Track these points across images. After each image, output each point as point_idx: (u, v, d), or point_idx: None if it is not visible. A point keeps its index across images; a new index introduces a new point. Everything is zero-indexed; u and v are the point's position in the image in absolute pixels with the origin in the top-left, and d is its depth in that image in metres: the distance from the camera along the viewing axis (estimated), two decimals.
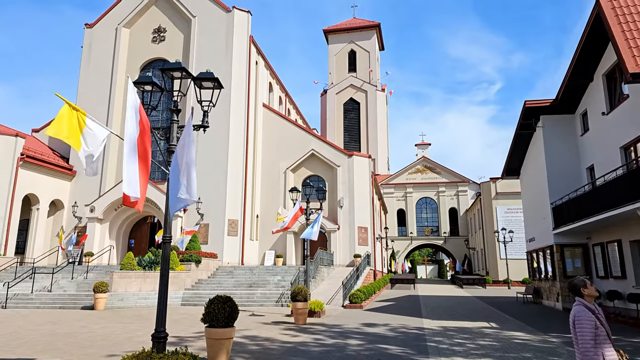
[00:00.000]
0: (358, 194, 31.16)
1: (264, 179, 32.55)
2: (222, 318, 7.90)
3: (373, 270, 31.80)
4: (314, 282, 22.20)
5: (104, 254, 28.36)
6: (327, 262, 27.15)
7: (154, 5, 32.99)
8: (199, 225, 27.68)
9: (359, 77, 60.10)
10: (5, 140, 26.25)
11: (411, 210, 56.28)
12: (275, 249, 31.10)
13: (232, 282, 22.77)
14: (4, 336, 11.18)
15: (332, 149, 32.41)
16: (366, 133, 58.27)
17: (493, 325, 13.67)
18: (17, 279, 21.55)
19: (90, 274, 23.07)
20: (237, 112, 30.03)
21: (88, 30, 33.18)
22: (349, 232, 30.59)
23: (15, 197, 26.07)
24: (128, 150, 5.80)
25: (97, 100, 31.34)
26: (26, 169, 27.04)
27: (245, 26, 31.86)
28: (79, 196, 29.78)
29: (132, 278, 19.99)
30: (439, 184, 56.52)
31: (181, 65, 7.24)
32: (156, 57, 32.24)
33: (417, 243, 56.43)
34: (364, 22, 62.66)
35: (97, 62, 32.33)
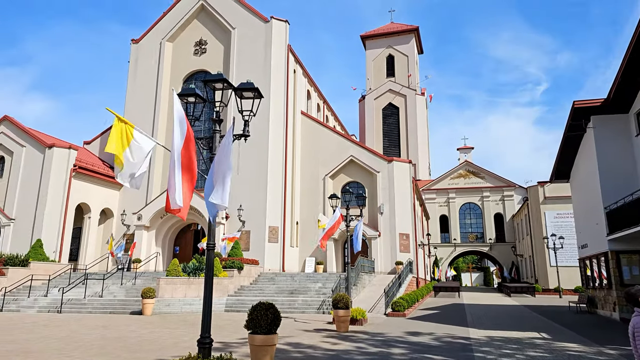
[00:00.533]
0: (399, 200, 30.76)
1: (303, 186, 32.74)
2: (265, 325, 7.95)
3: (415, 278, 31.23)
4: (355, 289, 22.03)
5: (151, 260, 29.31)
6: (368, 269, 26.91)
7: (195, 19, 34.06)
8: (240, 232, 28.13)
9: (397, 82, 59.58)
10: (60, 152, 27.71)
11: (454, 216, 54.96)
12: (316, 256, 31.14)
13: (274, 288, 22.94)
14: (61, 340, 11.71)
15: (372, 155, 32.20)
16: (406, 138, 57.57)
17: (544, 336, 13.07)
18: (71, 284, 22.60)
19: (138, 280, 23.87)
20: (276, 120, 30.43)
21: (134, 45, 34.62)
22: (390, 238, 30.21)
23: (68, 207, 27.43)
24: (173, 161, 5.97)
25: (143, 112, 32.58)
26: (78, 179, 28.41)
27: (283, 35, 32.31)
28: (127, 205, 30.96)
29: (178, 284, 20.52)
30: (483, 188, 54.97)
31: (222, 76, 7.38)
32: (198, 68, 33.21)
33: (461, 250, 55.01)
34: (402, 26, 62.16)
35: (142, 75, 33.64)
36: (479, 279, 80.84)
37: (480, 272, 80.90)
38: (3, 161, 28.55)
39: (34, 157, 27.78)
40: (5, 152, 28.53)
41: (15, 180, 27.61)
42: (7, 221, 26.88)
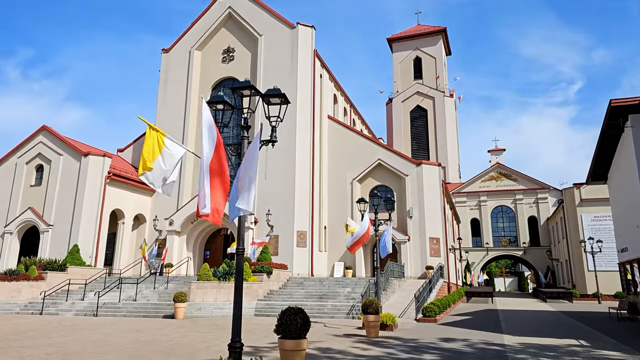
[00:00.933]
0: (428, 203, 30.34)
1: (330, 190, 32.71)
2: (295, 329, 7.96)
3: (447, 283, 30.69)
4: (384, 294, 21.81)
5: (182, 265, 29.84)
6: (397, 274, 26.61)
7: (223, 27, 34.65)
8: (269, 236, 28.32)
9: (425, 84, 58.94)
10: (95, 160, 28.62)
11: (486, 220, 53.78)
12: (344, 261, 31.02)
13: (303, 293, 22.95)
14: (96, 342, 12.03)
15: (400, 158, 31.91)
16: (435, 140, 56.81)
17: (583, 343, 12.58)
18: (106, 288, 23.23)
19: (170, 284, 24.33)
20: (303, 125, 30.57)
21: (165, 55, 35.49)
22: (419, 243, 29.82)
23: (103, 213, 28.27)
24: (202, 167, 6.06)
25: (174, 120, 33.31)
26: (113, 186, 29.25)
27: (309, 41, 32.48)
28: (159, 210, 31.65)
29: (208, 288, 20.80)
30: (516, 191, 53.63)
31: (250, 83, 7.45)
32: (226, 76, 33.74)
33: (493, 254, 53.73)
34: (429, 27, 61.54)
35: (173, 84, 34.43)
36: (512, 284, 78.79)
37: (514, 277, 78.84)
38: (42, 169, 29.68)
39: (71, 165, 28.77)
40: (44, 161, 29.66)
41: (54, 187, 28.65)
42: (46, 227, 27.90)
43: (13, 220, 28.73)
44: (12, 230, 28.68)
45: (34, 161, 29.94)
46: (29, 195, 29.35)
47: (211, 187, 6.32)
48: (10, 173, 30.10)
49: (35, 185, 29.55)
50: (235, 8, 34.06)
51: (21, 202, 29.29)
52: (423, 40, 60.77)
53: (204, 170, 6.24)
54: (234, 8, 34.08)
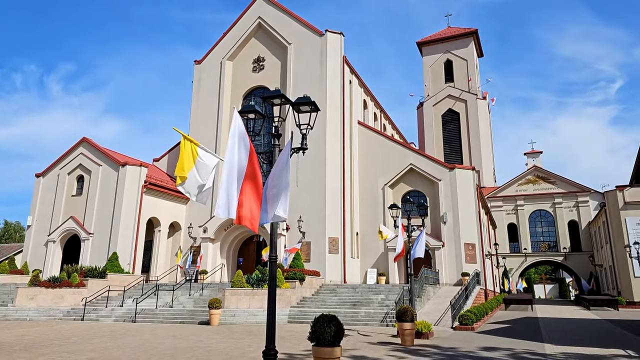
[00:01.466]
0: (463, 208, 29.73)
1: (362, 196, 32.53)
2: (329, 337, 7.89)
3: (484, 290, 29.90)
4: (419, 301, 21.43)
5: (217, 271, 30.27)
6: (432, 280, 26.12)
7: (253, 37, 35.21)
8: (301, 243, 28.38)
9: (457, 87, 58.00)
10: (132, 170, 29.49)
11: (523, 225, 52.20)
12: (377, 267, 30.72)
13: (336, 300, 22.83)
14: (135, 348, 12.30)
15: (432, 163, 31.44)
16: (468, 144, 55.70)
17: (631, 354, 11.96)
18: (143, 295, 23.81)
19: (205, 290, 24.70)
20: (333, 131, 30.59)
21: (197, 66, 36.33)
22: (454, 249, 29.21)
23: (140, 221, 29.05)
24: (235, 175, 6.11)
25: (207, 129, 33.98)
26: (149, 194, 30.04)
27: (338, 47, 32.56)
28: (194, 218, 32.27)
29: (242, 295, 20.99)
30: (555, 194, 51.87)
31: (280, 92, 7.51)
32: (257, 85, 34.21)
33: (532, 260, 52.04)
34: (460, 30, 60.63)
35: (205, 94, 35.17)
36: (553, 290, 76.09)
37: (554, 284, 76.14)
38: (82, 180, 30.82)
39: (109, 175, 29.75)
40: (84, 172, 30.79)
41: (93, 197, 29.68)
42: (87, 235, 28.90)
43: (56, 229, 29.91)
44: (55, 239, 29.85)
45: (75, 172, 31.13)
46: (70, 205, 30.51)
47: (244, 193, 6.39)
48: (53, 184, 31.40)
49: (76, 195, 30.71)
50: (265, 18, 34.57)
51: (63, 211, 30.48)
52: (454, 42, 59.90)
53: (234, 177, 6.31)
54: (264, 18, 34.59)
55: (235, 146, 6.37)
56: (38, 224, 30.98)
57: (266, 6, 34.96)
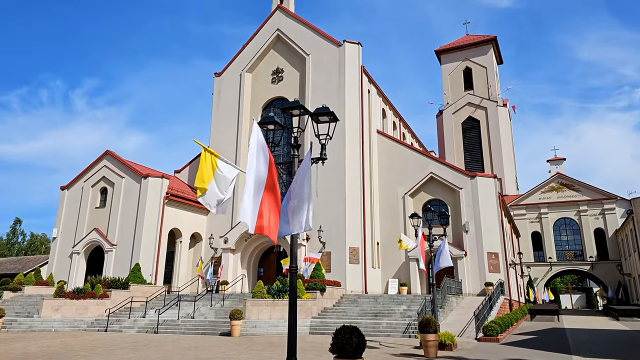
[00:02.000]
0: (485, 217, 29.24)
1: (382, 205, 32.31)
2: (350, 349, 7.80)
3: (508, 300, 29.24)
4: (442, 312, 21.07)
5: (237, 282, 30.35)
6: (455, 290, 25.68)
7: (272, 49, 35.58)
8: (321, 253, 28.26)
9: (476, 95, 57.40)
10: (154, 181, 29.93)
11: (548, 233, 51.01)
12: (399, 277, 30.36)
13: (357, 311, 22.61)
14: None
15: (453, 171, 31.07)
16: (489, 152, 54.91)
17: None
18: (165, 306, 24.00)
19: (226, 301, 24.76)
20: (352, 141, 30.55)
21: (217, 78, 36.85)
22: (477, 258, 28.70)
23: (162, 232, 29.40)
24: (255, 186, 6.13)
25: (227, 140, 34.34)
26: (170, 206, 30.41)
27: (356, 57, 32.64)
28: (214, 229, 32.50)
29: (263, 306, 20.97)
30: (580, 202, 50.63)
31: (299, 103, 7.55)
32: (276, 96, 34.48)
33: (557, 269, 50.74)
34: (478, 37, 60.17)
35: (225, 106, 35.60)
36: (580, 300, 74.01)
37: (581, 294, 74.06)
38: (106, 192, 31.41)
39: (132, 187, 30.24)
40: (107, 184, 31.39)
41: (117, 209, 30.19)
42: (110, 247, 29.36)
43: (80, 241, 30.48)
44: (80, 251, 30.41)
45: (98, 184, 31.75)
46: (94, 217, 31.09)
47: (264, 204, 6.43)
48: (77, 196, 32.08)
49: (99, 207, 31.29)
50: (283, 30, 34.93)
51: (87, 223, 31.06)
52: (472, 50, 59.43)
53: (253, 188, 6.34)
54: (282, 30, 34.95)
55: (254, 157, 6.42)
56: (63, 236, 31.62)
57: (285, 18, 35.34)
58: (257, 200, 6.29)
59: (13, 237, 71.06)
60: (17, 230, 71.43)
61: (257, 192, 6.31)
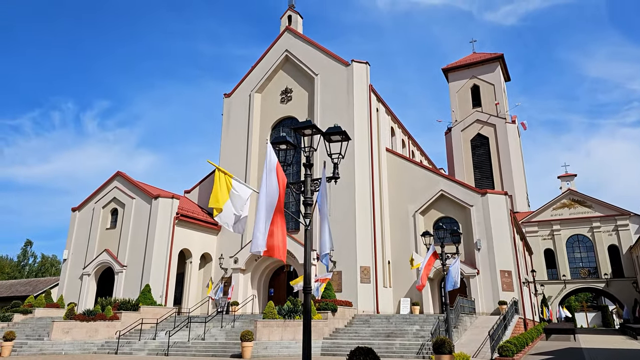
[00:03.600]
0: (497, 234, 28.90)
1: (392, 223, 32.10)
2: None
3: (522, 319, 28.67)
4: (455, 332, 20.67)
5: (247, 303, 30.10)
6: (468, 310, 25.25)
7: (280, 69, 36.01)
8: (332, 272, 28.02)
9: (485, 112, 57.38)
10: (164, 202, 30.04)
11: (561, 250, 50.22)
12: (411, 296, 29.95)
13: (369, 331, 22.28)
14: None
15: (463, 188, 30.88)
16: (499, 169, 54.59)
17: None
18: (176, 327, 23.81)
19: (236, 322, 24.53)
20: (361, 159, 30.57)
21: (227, 99, 37.28)
22: (490, 276, 28.28)
23: (172, 253, 29.37)
24: (268, 207, 6.12)
25: (237, 160, 34.52)
26: (181, 226, 30.44)
27: (364, 77, 32.90)
28: (224, 249, 32.43)
29: (274, 327, 20.74)
30: (592, 218, 49.91)
31: (311, 122, 7.58)
32: (285, 115, 34.74)
33: (572, 287, 49.74)
34: (485, 55, 60.49)
35: (234, 126, 35.90)
36: (596, 319, 72.32)
37: (597, 312, 72.39)
38: (116, 213, 31.56)
39: (142, 208, 30.37)
40: (118, 205, 31.56)
41: (127, 229, 30.28)
42: (120, 268, 29.36)
43: (91, 262, 30.53)
44: (90, 272, 30.44)
45: (109, 205, 31.93)
46: (105, 238, 31.19)
47: (275, 224, 6.45)
48: (88, 218, 32.27)
49: (110, 228, 31.41)
50: (292, 51, 35.39)
51: (98, 244, 31.15)
52: (480, 68, 59.67)
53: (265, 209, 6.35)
54: (291, 51, 35.42)
55: (265, 178, 6.46)
56: (74, 257, 31.72)
57: (293, 39, 35.85)
58: (269, 221, 6.32)
59: (24, 259, 71.48)
60: (28, 252, 71.90)
61: (268, 212, 6.33)
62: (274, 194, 6.52)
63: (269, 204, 6.51)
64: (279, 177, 6.56)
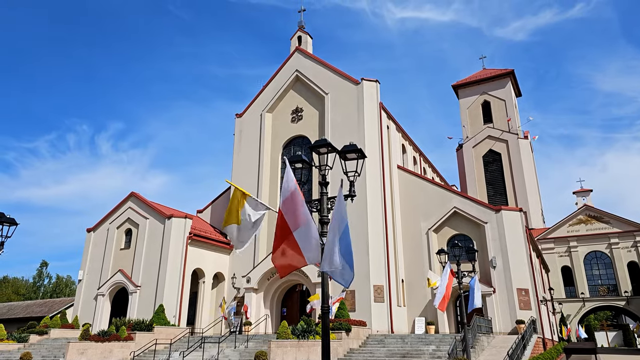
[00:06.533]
0: (512, 251, 28.47)
1: (405, 241, 31.82)
2: None
3: (542, 339, 28.01)
4: (473, 352, 20.23)
5: (261, 322, 29.86)
6: (485, 329, 24.74)
7: (291, 89, 36.42)
8: (345, 292, 27.76)
9: (496, 127, 57.17)
10: (177, 222, 30.20)
11: (578, 267, 49.20)
12: (426, 316, 29.48)
13: (384, 351, 21.91)
14: None
15: (476, 205, 30.61)
16: (512, 185, 54.07)
17: None
18: (189, 348, 23.67)
19: (250, 342, 24.31)
20: (373, 177, 30.54)
21: (238, 119, 37.70)
22: (506, 295, 27.76)
23: (185, 273, 29.38)
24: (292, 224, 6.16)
25: (249, 179, 34.69)
26: (194, 246, 30.51)
27: (374, 95, 33.09)
28: (237, 268, 32.38)
29: (288, 347, 20.50)
30: (610, 234, 48.97)
31: (326, 140, 7.64)
32: (296, 134, 34.97)
33: (591, 305, 48.54)
34: (495, 71, 60.57)
35: (246, 145, 36.21)
36: (617, 338, 70.40)
37: (617, 330, 70.52)
38: (130, 233, 31.78)
39: (156, 228, 30.55)
40: (132, 225, 31.80)
41: (141, 250, 30.42)
42: (134, 288, 29.41)
43: (105, 283, 30.65)
44: (105, 293, 30.53)
45: (123, 226, 32.18)
46: (119, 258, 31.36)
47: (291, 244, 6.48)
48: (103, 238, 32.52)
49: (124, 248, 31.59)
50: (302, 70, 35.81)
51: (112, 265, 31.31)
52: (490, 84, 59.69)
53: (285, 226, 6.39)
54: (301, 71, 35.84)
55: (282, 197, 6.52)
56: (88, 278, 31.88)
57: (303, 59, 36.30)
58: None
59: (39, 279, 72.07)
60: (44, 273, 72.50)
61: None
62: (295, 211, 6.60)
63: (289, 221, 6.55)
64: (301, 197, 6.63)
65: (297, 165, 7.66)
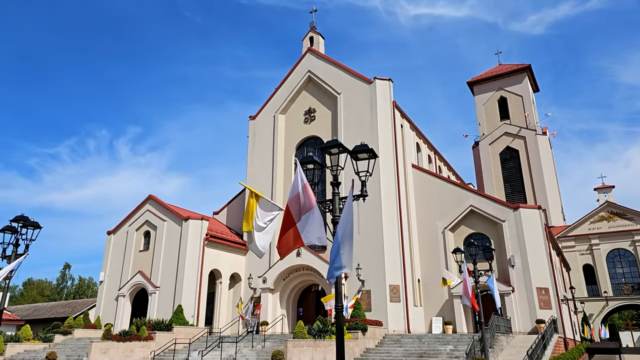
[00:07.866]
0: (531, 250, 28.07)
1: (421, 241, 31.63)
2: None
3: (563, 338, 27.55)
4: (492, 352, 20.02)
5: (277, 322, 30.04)
6: (504, 329, 24.45)
7: (304, 90, 36.50)
8: (360, 292, 27.73)
9: (513, 124, 56.35)
10: (194, 224, 30.56)
11: (601, 265, 48.19)
12: (443, 315, 29.26)
13: (401, 351, 21.83)
14: None
15: (493, 203, 30.26)
16: (531, 182, 53.21)
17: None
18: (208, 348, 23.95)
19: (267, 342, 24.48)
20: (387, 176, 30.42)
21: (252, 121, 37.94)
22: (525, 294, 27.39)
23: (203, 273, 29.72)
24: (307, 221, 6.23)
25: (263, 180, 34.90)
26: (210, 247, 30.84)
27: (387, 93, 32.95)
28: (253, 269, 32.61)
29: (304, 347, 20.59)
30: (634, 231, 47.81)
31: (337, 141, 7.67)
32: (309, 135, 35.03)
33: (615, 304, 47.46)
34: (512, 66, 59.70)
35: (260, 147, 36.42)
36: None
37: None
38: (149, 235, 32.27)
39: (173, 230, 30.96)
40: (150, 227, 32.28)
41: (159, 251, 30.88)
42: (154, 289, 29.87)
43: (125, 284, 31.19)
44: (125, 293, 31.07)
45: (142, 228, 32.70)
46: (138, 260, 31.87)
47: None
48: (122, 240, 33.08)
49: (143, 250, 32.09)
50: (314, 71, 35.86)
51: (132, 266, 31.85)
52: (506, 79, 58.86)
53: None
54: (313, 71, 35.89)
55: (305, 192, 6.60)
56: (109, 279, 32.48)
57: (315, 60, 36.36)
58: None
59: (62, 281, 73.68)
60: (67, 275, 74.10)
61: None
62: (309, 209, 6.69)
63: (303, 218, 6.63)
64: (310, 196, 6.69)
65: (308, 167, 7.70)
